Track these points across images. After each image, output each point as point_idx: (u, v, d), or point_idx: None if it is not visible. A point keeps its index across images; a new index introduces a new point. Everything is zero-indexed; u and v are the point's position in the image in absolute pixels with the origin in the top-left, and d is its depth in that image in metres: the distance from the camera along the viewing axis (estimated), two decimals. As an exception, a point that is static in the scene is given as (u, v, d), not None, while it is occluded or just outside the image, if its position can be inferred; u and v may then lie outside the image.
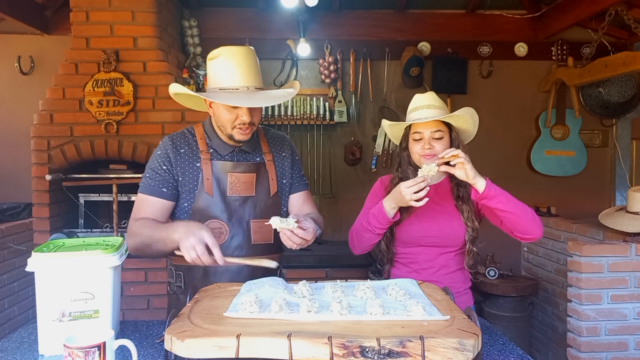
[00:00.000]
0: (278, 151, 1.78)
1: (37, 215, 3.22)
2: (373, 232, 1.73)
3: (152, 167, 1.67)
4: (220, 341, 1.03)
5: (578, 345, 2.49)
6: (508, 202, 1.60)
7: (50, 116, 3.20)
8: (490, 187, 1.59)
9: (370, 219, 1.71)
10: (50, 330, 1.29)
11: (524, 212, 1.62)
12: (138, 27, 3.25)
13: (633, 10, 3.36)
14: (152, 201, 1.64)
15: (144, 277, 3.21)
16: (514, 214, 1.61)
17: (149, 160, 1.70)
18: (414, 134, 1.76)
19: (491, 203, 1.60)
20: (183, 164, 1.66)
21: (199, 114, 3.17)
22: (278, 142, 1.81)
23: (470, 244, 1.77)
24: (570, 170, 4.03)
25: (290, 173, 1.79)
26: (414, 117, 1.76)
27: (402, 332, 1.08)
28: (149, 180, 1.65)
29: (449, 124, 1.77)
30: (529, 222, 1.62)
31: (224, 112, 1.59)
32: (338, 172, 4.02)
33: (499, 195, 1.59)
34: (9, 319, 3.24)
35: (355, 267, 3.29)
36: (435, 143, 1.73)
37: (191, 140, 1.70)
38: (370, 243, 1.78)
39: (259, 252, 1.69)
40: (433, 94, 1.82)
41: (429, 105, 1.75)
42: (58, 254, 1.32)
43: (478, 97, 4.01)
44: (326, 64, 3.89)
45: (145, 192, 1.65)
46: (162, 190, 1.64)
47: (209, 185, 1.63)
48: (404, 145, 1.82)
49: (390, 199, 1.67)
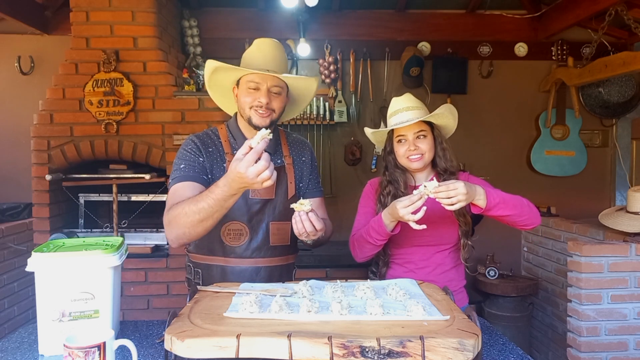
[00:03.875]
0: (298, 155, 1.81)
1: (37, 215, 3.22)
2: (374, 244, 1.73)
3: (186, 158, 1.63)
4: (220, 341, 1.03)
5: (578, 345, 2.49)
6: (507, 205, 1.61)
7: (50, 116, 3.20)
8: (490, 199, 1.57)
9: (371, 232, 1.71)
10: (50, 330, 1.29)
11: (522, 207, 1.64)
12: (138, 27, 3.25)
13: (633, 10, 3.36)
14: (191, 186, 1.57)
15: (144, 277, 3.21)
16: (515, 214, 1.62)
17: (178, 157, 1.65)
18: (398, 137, 1.79)
19: (493, 212, 1.60)
20: (212, 162, 1.66)
21: (199, 114, 3.25)
22: (299, 146, 1.84)
23: (464, 238, 1.79)
24: (570, 170, 4.03)
25: (308, 178, 1.82)
26: (394, 121, 1.79)
27: (402, 332, 1.08)
28: (186, 170, 1.60)
29: (430, 122, 1.80)
30: (528, 215, 1.65)
31: (244, 94, 1.64)
32: (338, 172, 4.02)
33: (499, 203, 1.59)
34: (9, 319, 3.24)
35: (355, 267, 3.28)
36: (419, 143, 1.76)
37: (216, 141, 1.71)
38: (372, 253, 1.79)
39: (277, 253, 1.72)
40: (410, 95, 1.85)
41: (407, 107, 1.78)
42: (58, 254, 1.32)
43: (478, 97, 4.01)
44: (326, 64, 3.89)
45: (185, 179, 1.58)
46: (202, 177, 1.61)
47: None
48: (389, 149, 1.85)
49: (387, 214, 1.64)
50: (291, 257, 1.82)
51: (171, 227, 1.50)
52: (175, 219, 1.47)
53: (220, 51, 3.81)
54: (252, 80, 1.63)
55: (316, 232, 1.51)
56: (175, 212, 1.47)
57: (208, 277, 1.70)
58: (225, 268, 1.68)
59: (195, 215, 1.41)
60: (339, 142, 4.01)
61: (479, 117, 4.03)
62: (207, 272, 1.70)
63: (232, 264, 1.68)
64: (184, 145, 1.68)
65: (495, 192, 1.61)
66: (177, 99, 3.23)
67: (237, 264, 1.68)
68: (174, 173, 1.62)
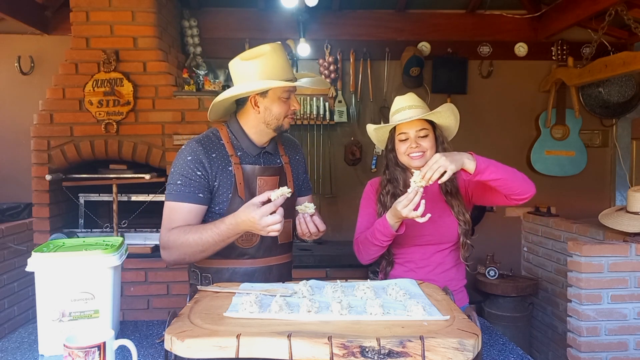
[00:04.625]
0: (293, 154, 1.84)
1: (37, 215, 3.22)
2: (380, 246, 1.75)
3: (183, 173, 1.61)
4: (220, 341, 1.03)
5: (578, 345, 2.49)
6: (498, 169, 1.61)
7: (50, 116, 3.20)
8: (480, 162, 1.58)
9: (376, 233, 1.72)
10: (50, 330, 1.29)
11: (514, 173, 1.64)
12: (138, 27, 3.25)
13: (633, 10, 3.36)
14: (187, 208, 1.59)
15: (144, 277, 3.21)
16: (509, 179, 1.62)
17: (176, 167, 1.63)
18: (400, 135, 1.80)
19: (485, 176, 1.60)
20: (217, 168, 1.64)
21: (199, 114, 3.25)
22: (292, 145, 1.87)
23: (464, 237, 1.79)
24: (570, 170, 4.03)
25: (302, 177, 1.86)
26: (397, 118, 1.80)
27: (402, 332, 1.08)
28: (182, 187, 1.60)
29: (432, 122, 1.81)
30: (522, 182, 1.65)
31: (279, 104, 1.64)
32: (338, 172, 4.02)
33: (490, 166, 1.60)
34: (9, 319, 3.24)
35: (355, 267, 3.28)
36: (421, 141, 1.77)
37: (218, 143, 1.68)
38: (377, 255, 1.81)
39: (284, 251, 1.77)
40: (413, 94, 1.85)
41: (410, 105, 1.79)
42: (58, 254, 1.32)
43: (478, 97, 4.01)
44: (326, 64, 3.89)
45: (179, 199, 1.59)
46: (198, 196, 1.61)
47: (241, 189, 1.64)
48: (390, 147, 1.86)
49: (391, 215, 1.67)
50: (291, 255, 1.86)
51: (171, 251, 1.57)
52: (175, 244, 1.55)
53: (220, 51, 3.81)
54: (286, 90, 1.63)
55: (319, 233, 1.60)
56: (175, 238, 1.54)
57: (218, 281, 1.67)
58: (237, 270, 1.68)
59: (198, 247, 1.52)
60: (339, 142, 4.01)
61: (479, 117, 4.02)
62: (218, 275, 1.68)
63: (245, 265, 1.68)
64: (183, 152, 1.64)
65: (485, 158, 1.62)
66: (177, 99, 3.23)
67: (250, 265, 1.68)
68: (170, 187, 1.62)
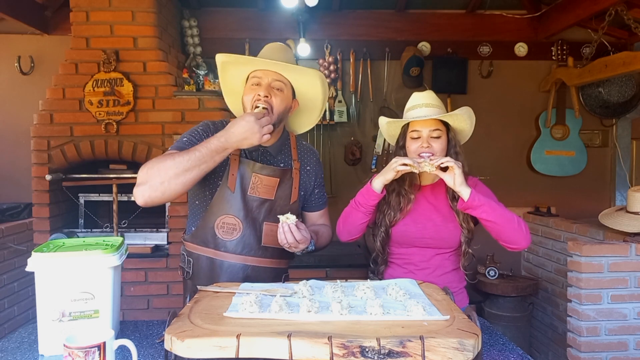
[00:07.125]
0: (305, 163, 1.81)
1: (37, 215, 3.22)
2: (359, 211, 1.72)
3: (192, 134, 1.63)
4: (220, 341, 1.03)
5: (578, 345, 2.49)
6: (492, 212, 1.61)
7: (50, 116, 3.20)
8: (475, 197, 1.59)
9: (358, 197, 1.73)
10: (50, 330, 1.29)
11: (509, 222, 1.63)
12: (138, 27, 3.25)
13: (633, 10, 3.36)
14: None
15: (144, 277, 3.21)
16: (498, 224, 1.62)
17: (186, 132, 1.66)
18: (412, 132, 1.75)
19: (475, 212, 1.62)
20: None
21: (199, 114, 3.25)
22: (307, 154, 1.83)
23: (465, 246, 1.77)
24: (570, 170, 4.03)
25: (312, 187, 1.82)
26: (412, 115, 1.76)
27: (402, 332, 1.08)
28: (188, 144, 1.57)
29: (446, 123, 1.77)
30: (513, 232, 1.63)
31: (247, 91, 1.66)
32: (338, 172, 4.02)
33: (483, 205, 1.60)
34: (9, 319, 3.24)
35: (355, 267, 3.28)
36: (433, 142, 1.73)
37: None
38: (358, 223, 1.75)
39: (269, 254, 1.72)
40: (432, 92, 1.81)
41: (427, 103, 1.75)
42: (58, 254, 1.32)
43: (478, 97, 4.01)
44: (326, 64, 3.89)
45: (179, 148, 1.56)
46: None
47: (232, 180, 1.64)
48: (401, 143, 1.81)
49: (379, 175, 1.68)
50: (283, 262, 1.79)
51: (150, 175, 1.47)
52: (158, 165, 1.47)
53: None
54: (255, 75, 1.65)
55: (297, 245, 1.55)
56: (159, 160, 1.48)
57: (197, 267, 1.70)
58: (214, 261, 1.68)
59: (184, 164, 1.45)
60: (339, 142, 4.01)
61: (479, 117, 3.93)
62: (197, 262, 1.71)
63: (221, 257, 1.67)
64: (197, 125, 1.70)
65: (487, 199, 1.62)
66: (177, 99, 3.23)
67: (227, 258, 1.67)
68: (174, 143, 1.63)
